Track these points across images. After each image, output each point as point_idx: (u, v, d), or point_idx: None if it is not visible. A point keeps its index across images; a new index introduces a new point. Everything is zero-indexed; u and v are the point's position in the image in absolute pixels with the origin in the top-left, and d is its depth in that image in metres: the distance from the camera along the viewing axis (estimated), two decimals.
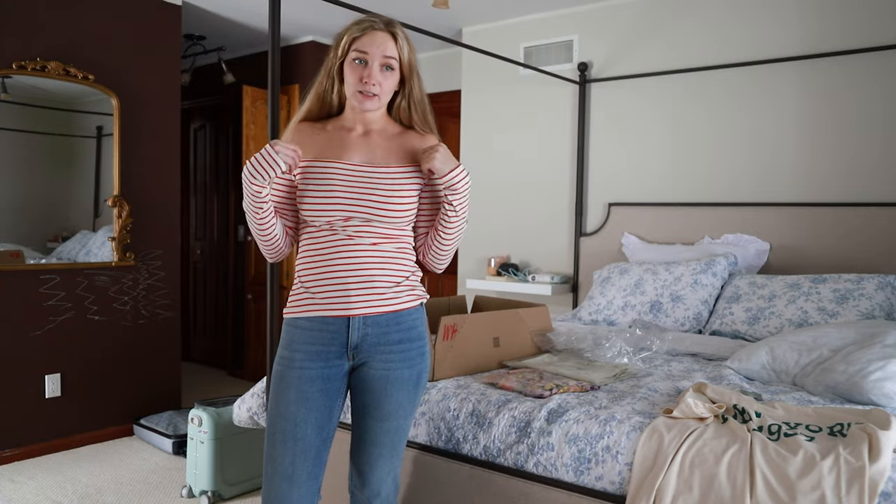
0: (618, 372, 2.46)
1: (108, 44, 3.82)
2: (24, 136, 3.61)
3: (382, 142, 1.78)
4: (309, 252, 1.73)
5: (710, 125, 3.79)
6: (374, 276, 1.69)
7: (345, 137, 1.77)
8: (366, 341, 1.70)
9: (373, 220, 1.68)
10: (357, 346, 1.70)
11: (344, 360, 1.71)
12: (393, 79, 1.74)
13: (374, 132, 1.79)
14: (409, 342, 1.75)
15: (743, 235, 3.61)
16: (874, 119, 3.32)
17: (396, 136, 1.80)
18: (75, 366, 3.73)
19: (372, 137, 1.78)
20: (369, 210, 1.68)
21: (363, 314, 1.68)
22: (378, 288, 1.69)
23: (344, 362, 1.71)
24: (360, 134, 1.78)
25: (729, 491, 1.67)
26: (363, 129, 1.78)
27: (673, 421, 1.88)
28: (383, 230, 1.70)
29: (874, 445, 1.67)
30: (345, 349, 1.70)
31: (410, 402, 1.77)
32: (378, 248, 1.70)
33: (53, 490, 3.13)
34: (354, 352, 1.70)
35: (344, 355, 1.70)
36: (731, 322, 3.13)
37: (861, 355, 2.17)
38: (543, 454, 1.98)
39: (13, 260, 3.49)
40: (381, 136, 1.79)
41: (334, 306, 1.68)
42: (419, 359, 1.76)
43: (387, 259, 1.71)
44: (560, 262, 4.36)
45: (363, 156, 1.74)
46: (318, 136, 1.78)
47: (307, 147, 1.76)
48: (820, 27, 3.45)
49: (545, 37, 4.40)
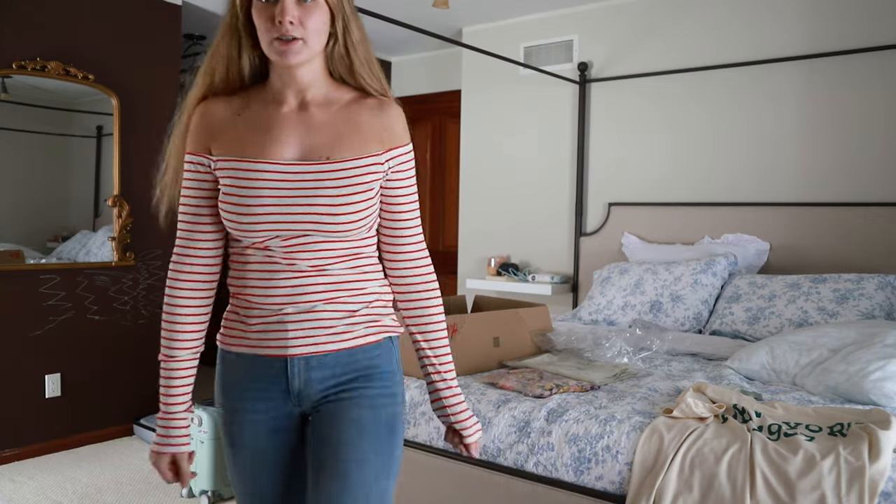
0: (618, 372, 2.46)
1: (108, 44, 3.82)
2: (24, 136, 3.61)
3: (326, 119, 1.31)
4: (239, 271, 1.33)
5: (710, 125, 3.79)
6: (316, 306, 1.28)
7: (272, 118, 1.30)
8: (311, 386, 1.30)
9: (315, 237, 1.26)
10: (300, 393, 1.31)
11: (288, 403, 1.32)
12: (319, 14, 1.26)
13: (314, 103, 1.32)
14: (367, 381, 1.32)
15: (743, 235, 3.61)
16: (874, 119, 3.32)
17: (344, 107, 1.33)
18: (75, 366, 3.73)
19: (310, 112, 1.31)
20: (309, 226, 1.25)
21: (304, 354, 1.28)
22: (323, 321, 1.28)
23: (289, 405, 1.33)
24: (294, 109, 1.31)
25: (729, 491, 1.67)
26: (297, 99, 1.32)
27: (673, 421, 1.88)
28: (331, 247, 1.28)
29: (874, 445, 1.67)
30: (286, 393, 1.31)
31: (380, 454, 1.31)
32: (324, 271, 1.28)
33: (53, 490, 3.13)
34: (299, 398, 1.31)
35: (287, 398, 1.32)
36: (731, 322, 3.13)
37: (861, 355, 2.17)
38: (543, 454, 1.98)
39: (13, 260, 3.49)
40: (324, 108, 1.32)
41: (269, 343, 1.29)
42: (387, 401, 1.34)
43: (336, 284, 1.29)
44: (560, 262, 4.36)
45: (298, 147, 1.28)
46: (233, 121, 1.31)
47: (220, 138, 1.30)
48: (819, 27, 3.45)
49: (545, 37, 4.40)
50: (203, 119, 1.32)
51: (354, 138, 1.30)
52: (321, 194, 1.26)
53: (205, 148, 1.31)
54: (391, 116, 1.35)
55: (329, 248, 1.29)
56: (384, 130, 1.33)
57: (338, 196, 1.26)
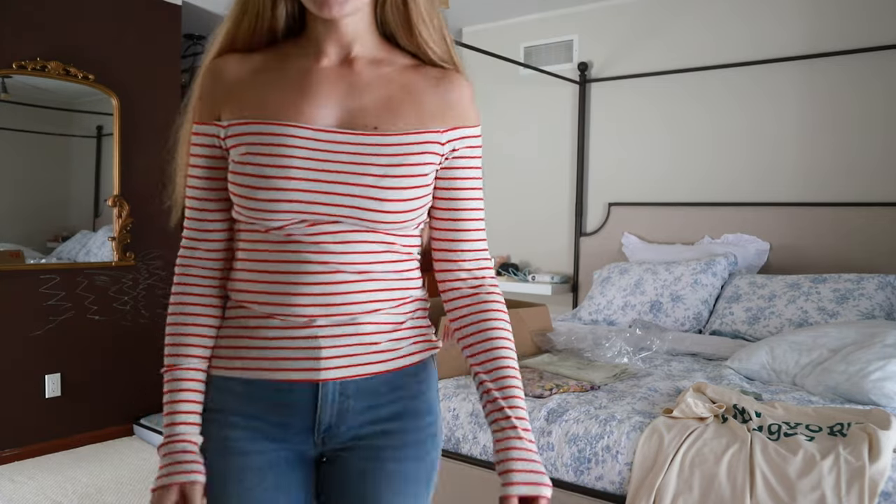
0: (618, 372, 2.46)
1: (109, 44, 3.82)
2: (24, 136, 3.61)
3: (375, 79, 1.04)
4: (249, 267, 1.04)
5: (710, 125, 3.79)
6: (358, 318, 1.02)
7: (305, 72, 1.03)
8: (345, 420, 1.03)
9: (349, 224, 1.00)
10: (330, 429, 1.04)
11: (308, 440, 1.04)
12: None
13: (361, 62, 1.05)
14: (415, 418, 1.07)
15: (743, 235, 3.61)
16: (874, 119, 3.32)
17: (398, 71, 1.06)
18: (75, 366, 3.73)
19: (356, 70, 1.04)
20: (345, 210, 0.99)
21: (341, 378, 1.02)
22: (365, 335, 1.03)
23: (308, 444, 1.05)
24: (335, 64, 1.05)
25: (729, 491, 1.67)
26: (339, 54, 1.05)
27: (673, 421, 1.88)
28: (367, 239, 1.02)
29: (874, 445, 1.67)
30: (310, 429, 1.03)
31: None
32: (366, 273, 1.02)
33: (53, 490, 3.13)
34: (326, 435, 1.04)
35: (308, 435, 1.04)
36: (731, 322, 3.13)
37: (861, 355, 2.18)
38: (543, 454, 1.98)
39: (13, 260, 3.49)
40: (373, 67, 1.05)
41: (292, 365, 1.01)
42: (430, 443, 1.09)
43: (379, 291, 1.03)
44: (560, 262, 4.36)
45: (338, 110, 1.02)
46: (252, 78, 1.04)
47: (235, 99, 1.03)
48: (820, 27, 3.45)
49: (545, 37, 4.40)
50: (213, 78, 1.05)
51: (410, 108, 1.04)
52: (364, 172, 0.99)
53: (214, 115, 1.04)
54: (458, 91, 1.07)
55: (365, 241, 1.01)
56: (448, 107, 1.06)
57: (384, 177, 0.99)
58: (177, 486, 0.98)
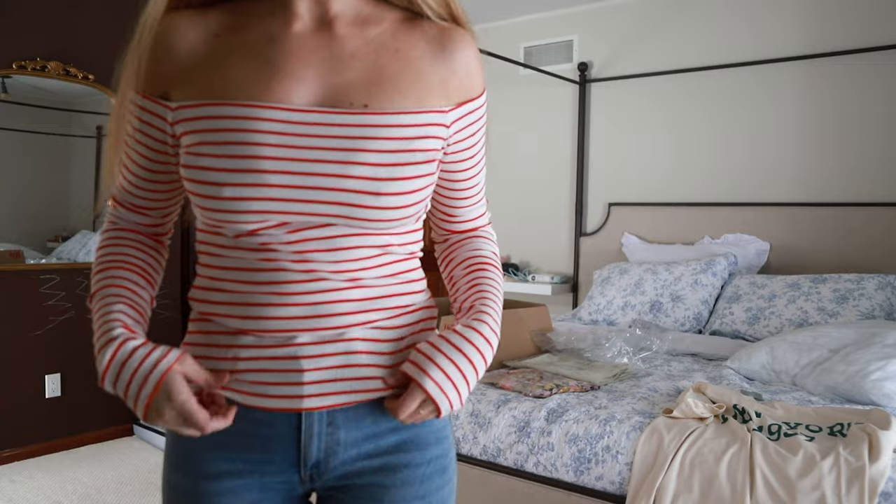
0: (618, 372, 2.46)
1: (109, 44, 3.81)
2: (24, 136, 3.61)
3: (360, 45, 0.85)
4: (215, 275, 0.86)
5: (711, 125, 3.79)
6: (346, 333, 0.84)
7: (276, 39, 0.84)
8: (335, 454, 0.86)
9: (342, 227, 0.82)
10: (319, 464, 0.87)
11: (294, 477, 0.87)
12: None
13: (341, 21, 0.85)
14: (421, 449, 0.89)
15: (743, 235, 3.61)
16: (875, 119, 3.32)
17: (389, 31, 0.87)
18: (75, 366, 3.73)
19: (336, 33, 0.85)
20: (334, 208, 0.81)
21: (327, 407, 0.85)
22: (355, 354, 0.85)
23: (294, 481, 0.88)
24: (310, 26, 0.85)
25: (729, 491, 1.68)
26: (314, 12, 0.85)
27: (673, 421, 1.89)
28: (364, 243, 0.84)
29: (874, 445, 1.67)
30: (294, 465, 0.86)
31: None
32: (356, 281, 0.85)
33: (54, 490, 3.13)
34: (314, 472, 0.87)
35: (293, 472, 0.87)
36: (731, 322, 3.13)
37: (861, 355, 2.18)
38: (543, 454, 1.98)
39: (13, 260, 3.49)
40: (357, 30, 0.86)
41: (270, 390, 0.84)
42: (438, 479, 0.91)
43: (373, 299, 0.86)
44: (560, 262, 4.36)
45: (318, 85, 0.82)
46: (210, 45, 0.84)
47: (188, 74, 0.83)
48: (820, 27, 3.45)
49: (545, 37, 4.40)
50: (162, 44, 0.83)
51: (406, 80, 0.84)
52: (354, 161, 0.80)
53: (160, 90, 0.84)
54: (462, 53, 0.88)
55: (356, 247, 0.83)
56: (452, 75, 0.88)
57: (380, 166, 0.80)
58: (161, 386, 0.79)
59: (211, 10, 0.86)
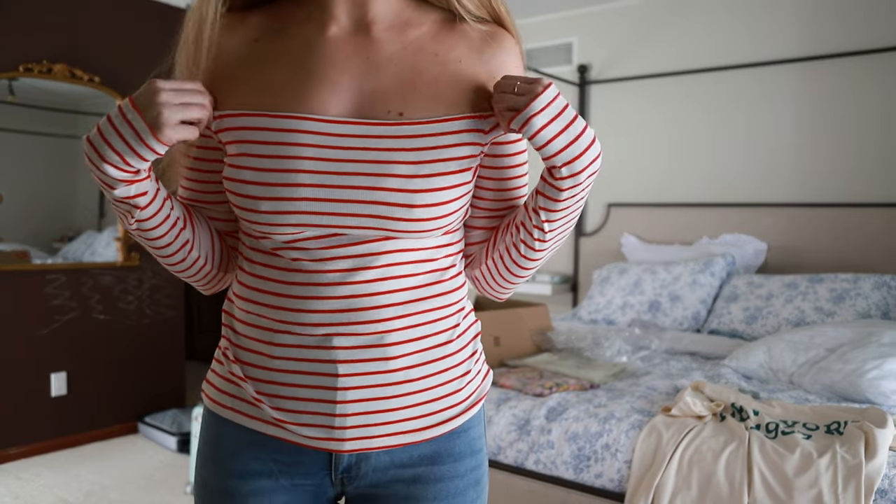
0: (617, 371, 2.48)
1: (114, 46, 3.84)
2: (30, 138, 3.64)
3: (397, 50, 0.84)
4: (249, 293, 0.87)
5: (709, 126, 3.82)
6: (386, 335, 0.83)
7: (312, 45, 0.84)
8: (368, 459, 0.86)
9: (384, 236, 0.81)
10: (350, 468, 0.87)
11: (324, 480, 0.88)
12: None
13: (379, 25, 0.85)
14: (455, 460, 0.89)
15: (741, 236, 3.64)
16: (872, 120, 3.35)
17: (429, 35, 0.85)
18: (81, 365, 3.76)
19: (373, 38, 0.84)
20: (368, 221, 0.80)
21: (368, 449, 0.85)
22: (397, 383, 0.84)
23: (325, 483, 0.88)
24: (347, 31, 0.85)
25: (727, 488, 1.70)
26: (352, 16, 0.84)
27: (671, 419, 1.91)
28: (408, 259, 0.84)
29: (870, 443, 1.69)
30: (326, 468, 0.87)
31: None
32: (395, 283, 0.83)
33: (59, 487, 3.16)
34: (346, 475, 0.87)
35: (325, 475, 0.87)
36: (729, 321, 3.16)
37: (857, 354, 2.20)
38: (543, 452, 2.00)
39: (20, 260, 3.52)
40: (395, 34, 0.85)
41: (301, 429, 0.83)
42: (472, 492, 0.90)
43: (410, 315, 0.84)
44: (560, 262, 4.39)
45: (353, 93, 0.82)
46: (250, 52, 0.85)
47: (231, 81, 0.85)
48: (818, 29, 3.48)
49: (545, 39, 4.42)
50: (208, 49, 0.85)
51: (443, 85, 0.83)
52: (388, 173, 0.79)
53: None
54: (504, 57, 0.86)
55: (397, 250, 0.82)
56: (491, 79, 0.85)
57: (414, 177, 0.79)
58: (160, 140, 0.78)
59: (251, 15, 0.87)
